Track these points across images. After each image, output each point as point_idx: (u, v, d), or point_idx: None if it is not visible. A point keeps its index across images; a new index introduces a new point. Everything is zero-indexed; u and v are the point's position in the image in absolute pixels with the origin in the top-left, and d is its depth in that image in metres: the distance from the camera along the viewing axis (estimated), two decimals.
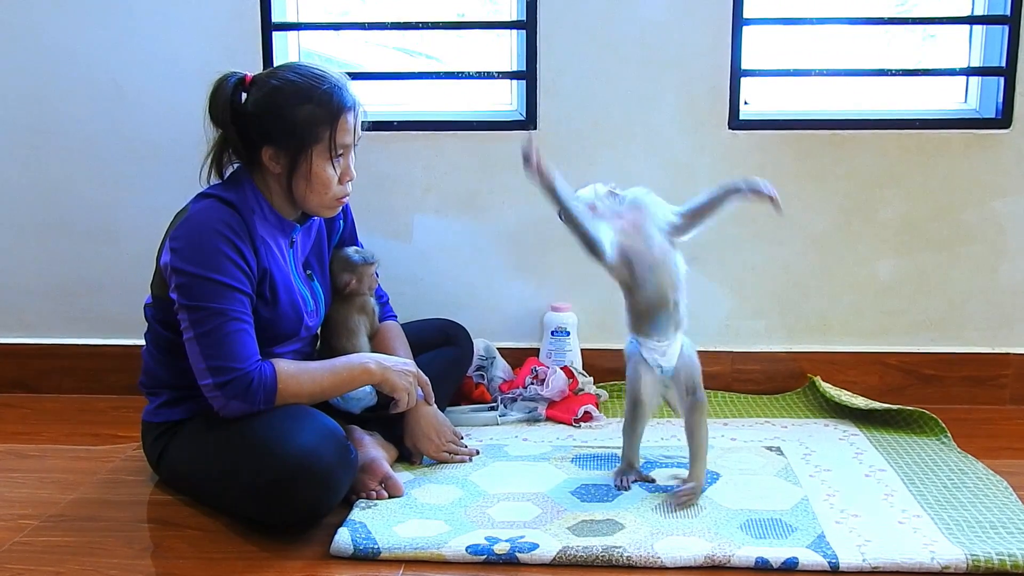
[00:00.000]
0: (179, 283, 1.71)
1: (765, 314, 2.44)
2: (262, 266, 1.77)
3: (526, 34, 2.36)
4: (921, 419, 2.19)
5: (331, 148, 1.78)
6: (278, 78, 1.78)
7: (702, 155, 2.39)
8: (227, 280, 1.71)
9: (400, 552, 1.61)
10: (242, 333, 1.71)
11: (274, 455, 1.63)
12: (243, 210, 1.77)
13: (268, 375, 1.72)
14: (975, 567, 1.55)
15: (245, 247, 1.74)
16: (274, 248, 1.83)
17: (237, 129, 1.78)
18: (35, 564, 1.61)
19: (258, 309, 1.78)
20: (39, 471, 2.01)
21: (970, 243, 2.39)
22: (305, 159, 1.77)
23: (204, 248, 1.71)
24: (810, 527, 1.69)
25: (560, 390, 2.28)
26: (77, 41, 2.40)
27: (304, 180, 1.79)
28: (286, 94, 1.76)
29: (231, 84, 1.78)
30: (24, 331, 2.52)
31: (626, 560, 1.58)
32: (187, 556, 1.65)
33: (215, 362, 1.69)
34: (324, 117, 1.76)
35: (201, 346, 1.70)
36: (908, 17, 2.44)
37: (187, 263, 1.71)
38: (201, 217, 1.74)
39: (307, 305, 1.90)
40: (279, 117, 1.75)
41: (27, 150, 2.45)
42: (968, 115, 2.41)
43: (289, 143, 1.76)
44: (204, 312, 1.70)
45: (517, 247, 2.46)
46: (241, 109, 1.78)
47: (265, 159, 1.79)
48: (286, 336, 1.87)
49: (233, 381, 1.69)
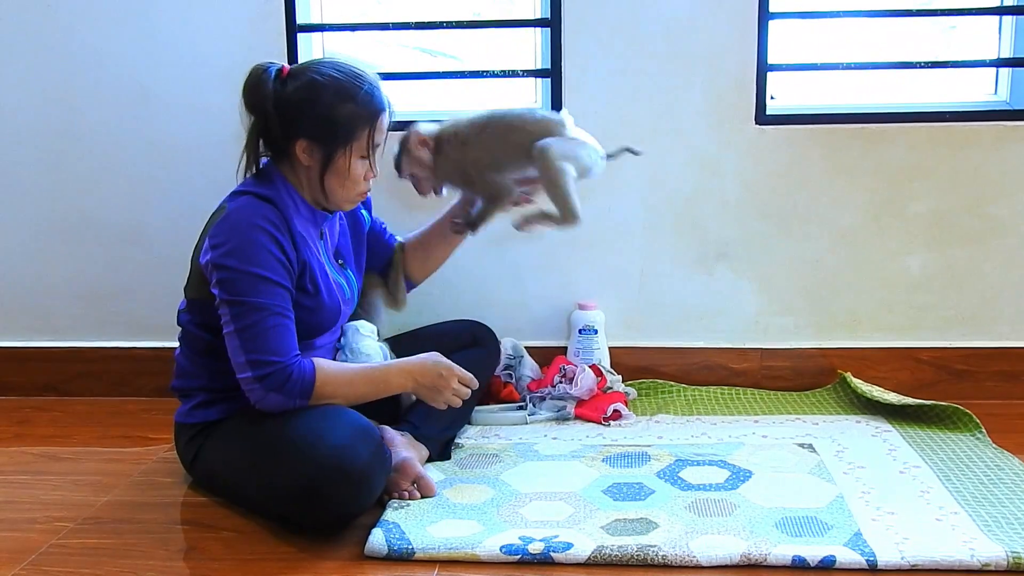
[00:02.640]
0: (220, 278, 1.73)
1: (794, 310, 2.43)
2: (301, 259, 1.79)
3: (551, 32, 2.36)
4: (955, 414, 2.17)
5: (368, 147, 1.81)
6: (320, 73, 1.79)
7: (728, 151, 2.38)
8: (269, 275, 1.72)
9: (434, 552, 1.61)
10: (282, 328, 1.73)
11: (309, 455, 1.63)
12: (280, 205, 1.78)
13: (308, 371, 1.73)
14: (1016, 564, 1.54)
15: (285, 241, 1.76)
16: (309, 240, 1.85)
17: (279, 121, 1.78)
18: (72, 567, 1.62)
19: (301, 301, 1.80)
20: (73, 473, 2.03)
21: (1002, 236, 2.37)
22: (342, 155, 1.79)
23: (245, 243, 1.72)
24: (846, 525, 1.68)
25: (589, 388, 2.28)
26: (103, 45, 2.41)
27: (337, 175, 1.81)
28: (329, 90, 1.77)
29: (272, 74, 1.78)
30: (54, 335, 2.54)
31: (661, 559, 1.58)
32: (222, 557, 1.65)
33: (255, 355, 1.70)
34: (364, 117, 1.79)
35: (242, 339, 1.71)
36: (936, 8, 2.41)
37: (229, 258, 1.72)
38: (241, 214, 1.76)
39: (344, 293, 1.93)
40: (319, 112, 1.77)
41: (55, 154, 2.47)
42: (998, 107, 2.39)
43: (327, 139, 1.78)
44: (246, 306, 1.71)
45: (543, 246, 2.45)
46: (281, 100, 1.78)
47: (299, 152, 1.80)
48: (328, 325, 1.89)
49: (273, 374, 1.70)
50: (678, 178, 2.40)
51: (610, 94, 2.37)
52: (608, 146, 2.02)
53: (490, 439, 2.14)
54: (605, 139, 2.37)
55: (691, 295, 2.43)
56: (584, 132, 1.99)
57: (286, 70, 1.81)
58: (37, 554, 1.66)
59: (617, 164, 2.38)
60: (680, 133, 2.38)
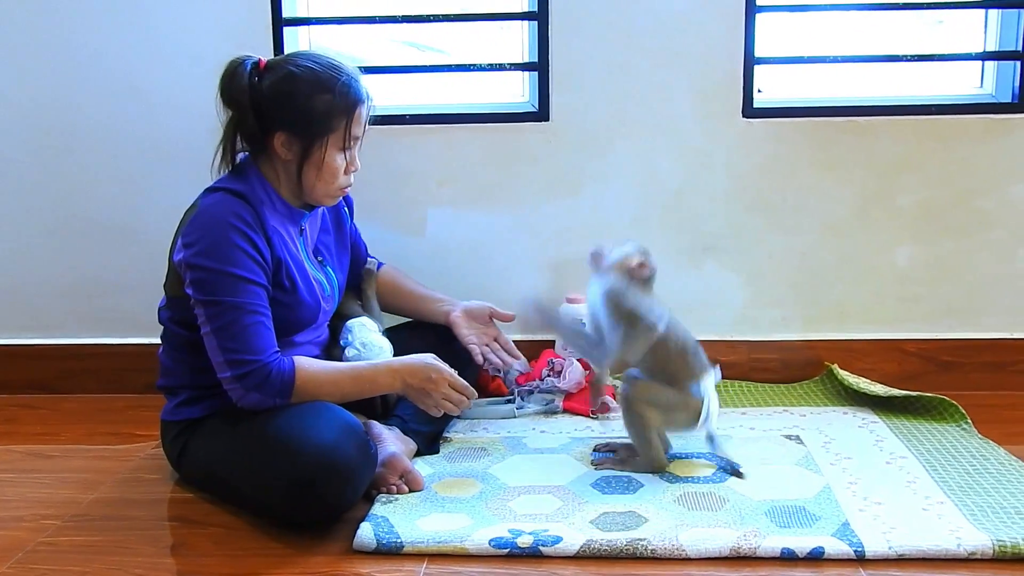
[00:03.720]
0: (194, 278, 1.72)
1: (782, 303, 2.43)
2: (276, 256, 1.77)
3: (538, 25, 2.35)
4: (941, 406, 2.17)
5: (345, 139, 1.79)
6: (297, 65, 1.78)
7: (717, 144, 2.38)
8: (242, 273, 1.71)
9: (423, 546, 1.61)
10: (259, 326, 1.71)
11: (296, 452, 1.62)
12: (253, 201, 1.76)
13: (287, 369, 1.72)
14: (1002, 552, 1.55)
15: (258, 238, 1.74)
16: (286, 237, 1.83)
17: (255, 114, 1.77)
18: (61, 564, 1.61)
19: (278, 298, 1.79)
20: (61, 471, 2.02)
21: (989, 229, 2.38)
22: (319, 148, 1.78)
23: (218, 242, 1.71)
24: (834, 515, 1.68)
25: (577, 382, 2.28)
26: (92, 40, 2.39)
27: (315, 169, 1.80)
28: (306, 82, 1.76)
29: (248, 67, 1.77)
30: (43, 332, 2.52)
31: (650, 552, 1.58)
32: (211, 553, 1.65)
33: (233, 355, 1.69)
34: (341, 108, 1.77)
35: (219, 339, 1.70)
36: (923, 2, 2.42)
37: (201, 258, 1.71)
38: (213, 211, 1.74)
39: (324, 290, 1.91)
40: (296, 104, 1.76)
41: (46, 150, 2.45)
42: (985, 100, 2.39)
43: (305, 131, 1.77)
44: (221, 306, 1.70)
45: (532, 240, 2.45)
46: (258, 92, 1.77)
47: (276, 145, 1.79)
48: (307, 322, 1.87)
49: (251, 373, 1.69)
50: (666, 172, 2.40)
51: (597, 88, 2.37)
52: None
53: (478, 432, 2.13)
54: (592, 135, 2.38)
55: (680, 288, 2.42)
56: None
57: (263, 63, 1.80)
58: (24, 552, 1.65)
59: (605, 159, 2.40)
60: (668, 127, 2.38)
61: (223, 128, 1.82)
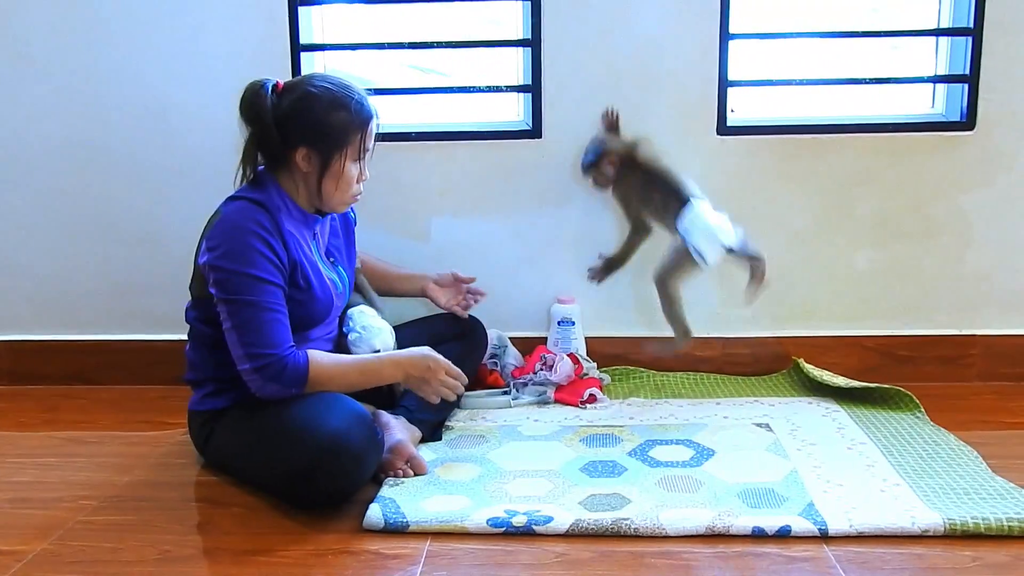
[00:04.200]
0: (217, 279, 1.71)
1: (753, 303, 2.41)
2: (292, 258, 1.77)
3: (532, 51, 2.34)
4: (897, 396, 2.17)
5: (360, 151, 1.80)
6: (314, 85, 1.78)
7: (693, 159, 2.37)
8: (260, 274, 1.70)
9: (427, 525, 1.60)
10: (275, 322, 1.71)
11: (308, 439, 1.62)
12: (271, 208, 1.76)
13: (302, 361, 1.71)
14: (952, 530, 1.54)
15: (276, 242, 1.74)
16: (301, 240, 1.83)
17: (278, 131, 1.77)
18: (96, 541, 1.60)
19: (295, 296, 1.78)
20: (97, 456, 2.00)
21: (939, 235, 2.37)
22: (337, 160, 1.78)
23: (238, 246, 1.70)
24: (800, 497, 1.67)
25: (567, 375, 2.27)
26: (126, 64, 2.38)
27: (334, 179, 1.80)
28: (324, 101, 1.76)
29: (268, 88, 1.77)
30: (80, 328, 2.51)
31: (634, 531, 1.57)
32: (233, 531, 1.64)
33: (252, 348, 1.69)
34: (357, 124, 1.78)
35: (239, 334, 1.70)
36: (881, 30, 2.41)
37: (223, 260, 1.70)
38: (234, 218, 1.74)
39: (336, 287, 1.91)
40: (316, 121, 1.76)
41: (82, 163, 2.43)
42: (935, 119, 2.38)
43: (324, 145, 1.77)
44: (240, 304, 1.70)
45: (526, 245, 2.44)
46: (279, 111, 1.77)
47: (298, 159, 1.78)
48: (322, 317, 1.87)
49: (269, 365, 1.69)
50: None
51: (585, 107, 2.35)
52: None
53: (477, 421, 2.12)
54: (580, 150, 2.37)
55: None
56: (716, 215, 2.08)
57: (280, 85, 1.79)
58: (64, 530, 1.64)
59: None
60: (648, 142, 2.37)
61: (244, 144, 1.81)
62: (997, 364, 2.39)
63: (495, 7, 2.47)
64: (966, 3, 2.30)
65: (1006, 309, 2.39)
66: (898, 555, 1.50)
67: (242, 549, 1.57)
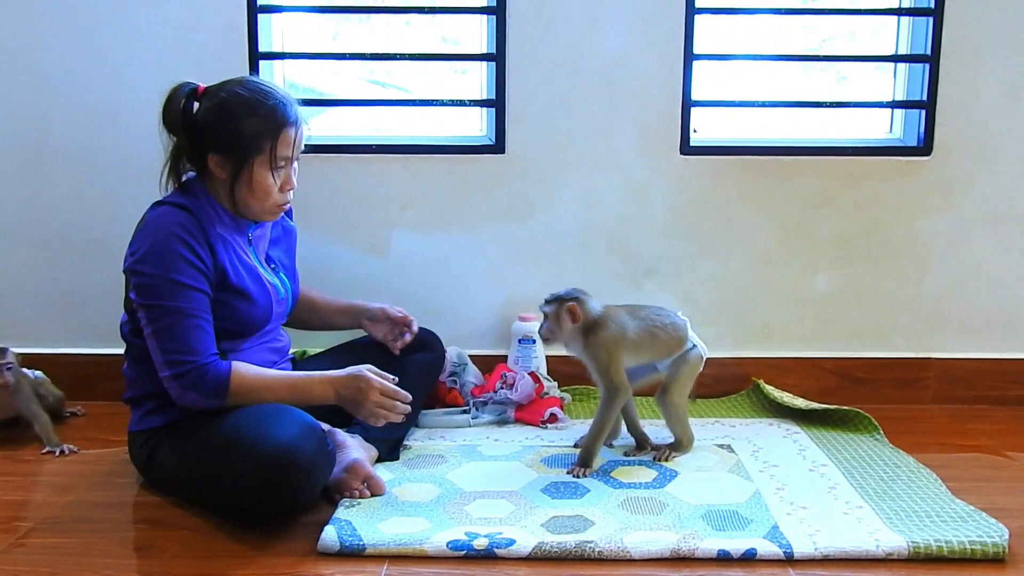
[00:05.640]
0: (137, 283, 1.67)
1: (713, 322, 2.41)
2: (219, 264, 1.72)
3: (496, 65, 2.32)
4: (856, 418, 2.17)
5: (271, 159, 1.73)
6: (227, 91, 1.74)
7: (656, 178, 2.36)
8: (183, 279, 1.66)
9: (384, 548, 1.54)
10: (197, 329, 1.66)
11: (257, 447, 1.56)
12: (197, 213, 1.72)
13: (223, 371, 1.66)
14: (915, 553, 1.53)
15: (200, 248, 1.69)
16: (233, 245, 1.78)
17: (187, 136, 1.74)
18: (31, 565, 1.51)
19: (229, 301, 1.73)
20: (34, 474, 1.91)
21: (897, 258, 2.39)
22: (247, 168, 1.73)
23: (161, 250, 1.66)
24: (764, 519, 1.65)
25: (528, 394, 2.23)
26: (76, 68, 2.29)
27: (246, 187, 1.75)
28: (234, 106, 1.71)
29: (184, 93, 1.73)
30: (21, 340, 2.38)
31: (598, 554, 1.53)
32: (179, 555, 1.56)
33: (172, 356, 1.65)
34: (267, 130, 1.72)
35: (159, 341, 1.65)
36: (841, 55, 2.44)
37: (145, 264, 1.66)
38: (158, 222, 1.70)
39: (278, 292, 1.85)
40: (225, 127, 1.71)
41: (28, 169, 2.34)
42: (894, 143, 2.41)
43: (233, 152, 1.72)
44: (162, 310, 1.65)
45: (487, 261, 2.40)
46: (192, 117, 1.73)
47: (211, 166, 1.74)
48: (261, 321, 1.81)
49: (188, 373, 1.64)
50: (610, 202, 2.38)
51: (549, 123, 2.34)
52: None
53: (436, 441, 2.07)
54: (543, 166, 2.35)
55: None
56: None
57: (201, 89, 1.75)
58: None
59: (555, 189, 2.36)
60: (612, 161, 2.36)
61: (167, 151, 1.77)
62: (952, 387, 2.41)
63: (456, 25, 2.44)
64: (923, 30, 2.33)
65: (962, 333, 2.41)
66: None
67: (188, 574, 1.49)
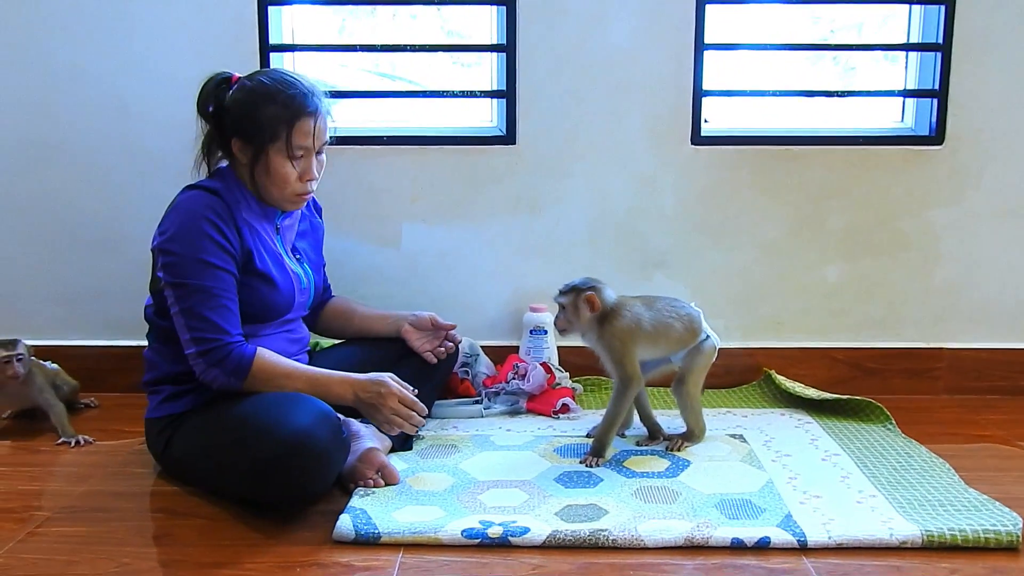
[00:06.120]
0: (166, 262, 1.70)
1: (724, 314, 2.41)
2: (246, 246, 1.75)
3: (506, 57, 2.32)
4: (868, 408, 2.17)
5: (288, 147, 1.76)
6: (254, 79, 1.79)
7: (666, 169, 2.36)
8: (211, 259, 1.69)
9: (399, 536, 1.55)
10: (224, 309, 1.69)
11: (272, 434, 1.57)
12: (226, 197, 1.75)
13: (247, 353, 1.69)
14: (929, 542, 1.53)
15: (229, 230, 1.72)
16: (260, 232, 1.81)
17: (216, 122, 1.79)
18: (49, 554, 1.52)
19: (253, 284, 1.76)
20: (50, 465, 1.92)
21: (907, 249, 2.39)
22: (264, 154, 1.76)
23: (190, 231, 1.69)
24: (777, 508, 1.66)
25: (540, 384, 2.23)
26: (84, 61, 2.30)
27: (264, 173, 1.78)
28: (256, 94, 1.76)
29: (216, 81, 1.78)
30: (32, 334, 2.39)
31: (611, 542, 1.53)
32: (195, 543, 1.57)
33: (198, 333, 1.67)
34: (283, 118, 1.74)
35: (186, 318, 1.68)
36: (852, 43, 2.43)
37: (174, 244, 1.69)
38: (188, 204, 1.73)
39: (300, 282, 1.87)
40: (246, 113, 1.75)
41: (36, 163, 2.35)
42: (905, 133, 2.41)
43: (252, 138, 1.76)
44: (189, 288, 1.68)
45: (498, 253, 2.40)
46: (221, 105, 1.78)
47: (235, 150, 1.79)
48: (282, 308, 1.83)
49: (213, 350, 1.67)
50: (620, 193, 2.38)
51: (559, 115, 2.34)
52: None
53: (449, 431, 2.08)
54: (554, 158, 2.35)
55: None
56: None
57: (235, 78, 1.80)
58: (15, 542, 1.56)
59: (565, 179, 2.37)
60: (622, 152, 2.36)
61: (200, 137, 1.82)
62: (963, 377, 2.41)
63: (461, 18, 2.44)
64: (935, 19, 2.33)
65: (973, 323, 2.41)
66: (877, 567, 1.48)
67: (205, 562, 1.50)
